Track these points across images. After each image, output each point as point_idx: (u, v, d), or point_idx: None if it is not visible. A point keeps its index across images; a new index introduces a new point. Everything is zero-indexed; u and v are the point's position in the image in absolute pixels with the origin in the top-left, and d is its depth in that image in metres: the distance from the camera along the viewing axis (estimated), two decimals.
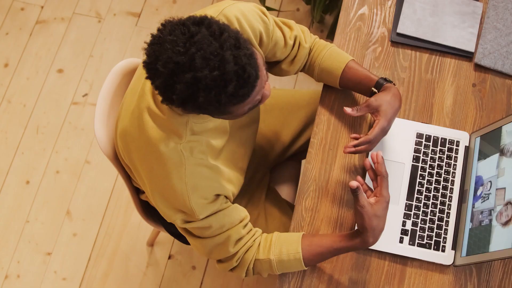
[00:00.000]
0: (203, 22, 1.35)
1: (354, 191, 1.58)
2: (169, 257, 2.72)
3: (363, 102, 1.75)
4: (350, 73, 1.84)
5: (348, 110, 1.73)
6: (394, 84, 1.80)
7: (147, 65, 1.35)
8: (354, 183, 1.57)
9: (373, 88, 1.81)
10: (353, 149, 1.73)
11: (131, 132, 1.58)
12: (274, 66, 1.86)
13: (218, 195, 1.62)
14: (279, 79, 3.02)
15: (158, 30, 1.36)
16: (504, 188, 1.67)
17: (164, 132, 1.52)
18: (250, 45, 1.39)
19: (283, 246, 1.69)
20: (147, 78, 1.36)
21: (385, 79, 1.80)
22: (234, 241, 1.66)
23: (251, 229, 1.71)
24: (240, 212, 1.67)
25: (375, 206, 1.60)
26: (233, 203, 2.01)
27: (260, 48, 1.72)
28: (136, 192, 1.98)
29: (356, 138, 1.75)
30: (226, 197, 1.66)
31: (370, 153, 1.66)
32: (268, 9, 2.91)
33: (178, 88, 1.31)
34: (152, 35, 1.36)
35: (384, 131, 1.74)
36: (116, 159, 1.82)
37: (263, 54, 1.74)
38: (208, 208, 1.59)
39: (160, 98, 1.53)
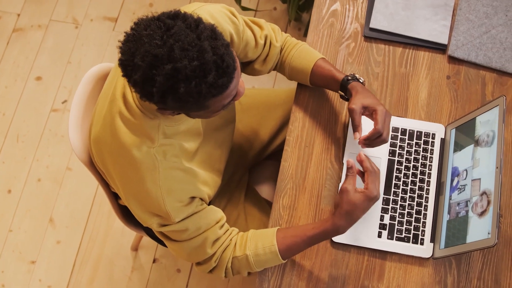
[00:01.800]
0: (177, 16, 1.35)
1: (347, 169, 1.62)
2: (154, 261, 2.72)
3: (351, 117, 1.70)
4: (318, 72, 1.83)
5: (357, 136, 1.70)
6: (357, 77, 1.76)
7: (123, 62, 1.34)
8: (350, 161, 1.60)
9: (339, 92, 1.80)
10: (365, 142, 1.71)
11: (104, 137, 1.57)
12: (247, 66, 1.86)
13: (193, 198, 1.61)
14: (258, 78, 3.02)
15: (132, 28, 1.35)
16: (479, 179, 1.67)
17: (137, 137, 1.52)
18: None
19: (259, 240, 1.69)
20: (123, 76, 1.35)
21: (348, 78, 1.76)
22: (211, 242, 1.65)
23: (228, 229, 1.71)
24: (216, 213, 1.67)
25: (357, 194, 1.60)
26: (212, 204, 2.00)
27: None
28: (115, 197, 1.98)
29: (355, 137, 1.71)
30: (201, 199, 1.65)
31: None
32: (245, 9, 2.91)
33: (158, 81, 1.31)
34: (126, 33, 1.35)
35: (387, 114, 1.70)
36: (92, 165, 1.81)
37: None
38: (183, 211, 1.59)
39: (131, 102, 1.52)
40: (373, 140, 1.71)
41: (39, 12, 3.16)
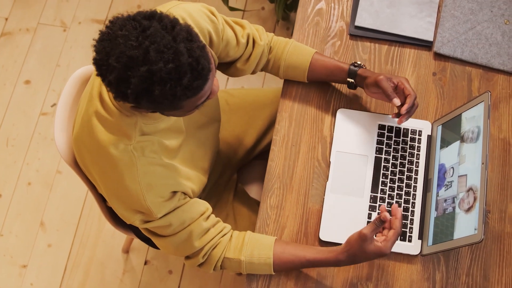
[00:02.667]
0: (154, 16, 1.35)
1: (379, 221, 1.57)
2: (145, 263, 2.71)
3: (383, 88, 1.74)
4: (318, 65, 1.86)
5: (397, 102, 1.74)
6: (361, 64, 1.84)
7: (97, 61, 1.34)
8: (387, 217, 1.56)
9: (348, 79, 1.84)
10: (407, 114, 1.75)
11: (82, 137, 1.58)
12: (230, 66, 1.85)
13: (174, 192, 1.61)
14: (247, 78, 3.01)
15: (107, 26, 1.35)
16: (466, 175, 1.67)
17: (113, 135, 1.52)
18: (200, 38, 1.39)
19: (255, 249, 1.68)
20: (97, 75, 1.36)
21: (354, 65, 1.83)
22: (197, 236, 1.65)
23: (217, 223, 1.70)
24: (200, 205, 1.67)
25: (373, 246, 1.59)
26: None
27: (211, 49, 1.71)
28: (103, 199, 1.97)
29: (396, 104, 1.76)
30: (184, 193, 1.65)
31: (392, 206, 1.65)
32: (232, 9, 2.91)
33: (133, 82, 1.31)
34: (101, 32, 1.35)
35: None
36: (78, 167, 1.81)
37: (215, 54, 1.74)
38: (165, 206, 1.58)
39: (107, 101, 1.52)
40: (411, 108, 1.75)
41: (27, 16, 3.16)
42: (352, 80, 1.84)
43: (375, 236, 1.64)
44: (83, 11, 3.17)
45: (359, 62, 1.84)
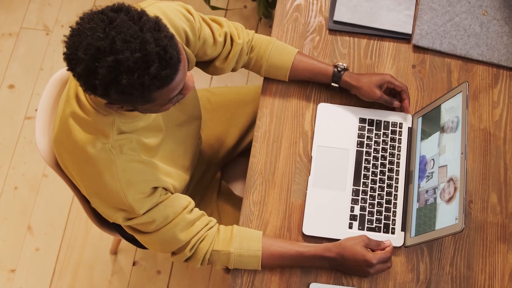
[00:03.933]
0: (121, 9, 1.36)
1: (382, 243, 1.73)
2: (134, 264, 2.71)
3: (383, 101, 1.87)
4: (300, 67, 1.88)
5: (398, 104, 1.88)
6: (344, 67, 1.88)
7: (67, 56, 1.35)
8: (386, 243, 1.73)
9: (333, 84, 1.88)
10: (408, 105, 1.88)
11: (61, 138, 1.58)
12: (209, 65, 1.85)
13: (155, 188, 1.61)
14: (230, 76, 3.02)
15: (77, 23, 1.36)
16: (446, 166, 1.68)
17: (91, 134, 1.52)
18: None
19: (244, 241, 1.69)
20: (68, 69, 1.36)
21: (338, 70, 1.87)
22: (182, 229, 1.65)
23: (202, 216, 1.70)
24: (182, 200, 1.67)
25: (363, 248, 1.69)
26: None
27: (188, 48, 1.71)
28: (87, 200, 1.97)
29: (398, 106, 1.89)
30: (165, 189, 1.65)
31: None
32: (214, 8, 2.91)
33: (100, 73, 1.31)
34: (71, 28, 1.36)
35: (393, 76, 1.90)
36: (60, 169, 1.81)
37: (193, 53, 1.74)
38: (147, 202, 1.59)
39: (84, 101, 1.52)
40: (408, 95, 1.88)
41: (9, 20, 3.15)
42: (337, 85, 1.89)
43: None
44: (66, 15, 3.17)
45: (342, 64, 1.87)
